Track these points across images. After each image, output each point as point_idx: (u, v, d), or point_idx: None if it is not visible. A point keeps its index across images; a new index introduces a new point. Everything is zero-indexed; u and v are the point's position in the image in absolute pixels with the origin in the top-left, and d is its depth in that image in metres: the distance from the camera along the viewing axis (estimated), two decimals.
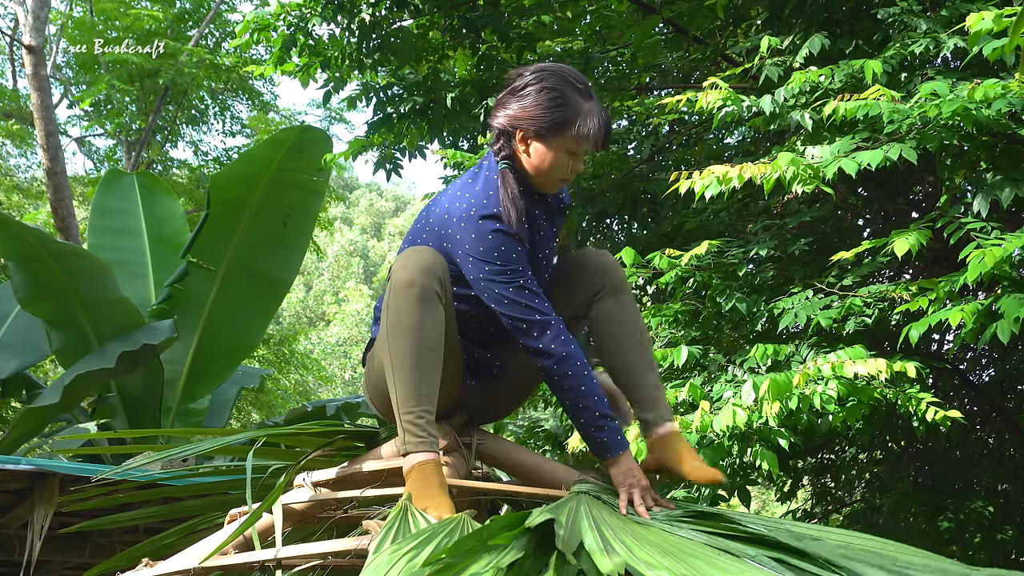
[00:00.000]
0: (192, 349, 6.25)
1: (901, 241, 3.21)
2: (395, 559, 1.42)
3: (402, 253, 1.92)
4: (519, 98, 1.93)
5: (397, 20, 5.22)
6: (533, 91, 1.91)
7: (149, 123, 12.82)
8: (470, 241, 1.90)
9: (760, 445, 3.25)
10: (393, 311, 1.85)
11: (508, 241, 1.89)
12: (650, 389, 2.00)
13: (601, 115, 1.89)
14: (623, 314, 2.04)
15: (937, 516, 4.80)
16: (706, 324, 3.89)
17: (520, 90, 1.93)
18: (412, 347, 1.83)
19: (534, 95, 1.91)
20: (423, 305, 1.83)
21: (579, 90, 1.90)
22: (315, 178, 6.46)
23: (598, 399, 1.88)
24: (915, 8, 3.70)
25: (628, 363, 2.01)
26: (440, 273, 1.87)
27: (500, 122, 1.96)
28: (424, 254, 1.88)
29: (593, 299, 2.06)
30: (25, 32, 8.81)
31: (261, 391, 8.97)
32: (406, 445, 1.82)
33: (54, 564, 4.34)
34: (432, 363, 1.84)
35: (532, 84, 1.92)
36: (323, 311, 27.29)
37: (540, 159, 1.93)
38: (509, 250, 1.89)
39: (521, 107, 1.92)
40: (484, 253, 1.89)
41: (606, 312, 2.04)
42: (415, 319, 1.83)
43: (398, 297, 1.85)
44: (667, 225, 4.97)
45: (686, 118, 5.35)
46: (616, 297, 2.05)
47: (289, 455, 2.42)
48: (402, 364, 1.83)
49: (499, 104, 1.98)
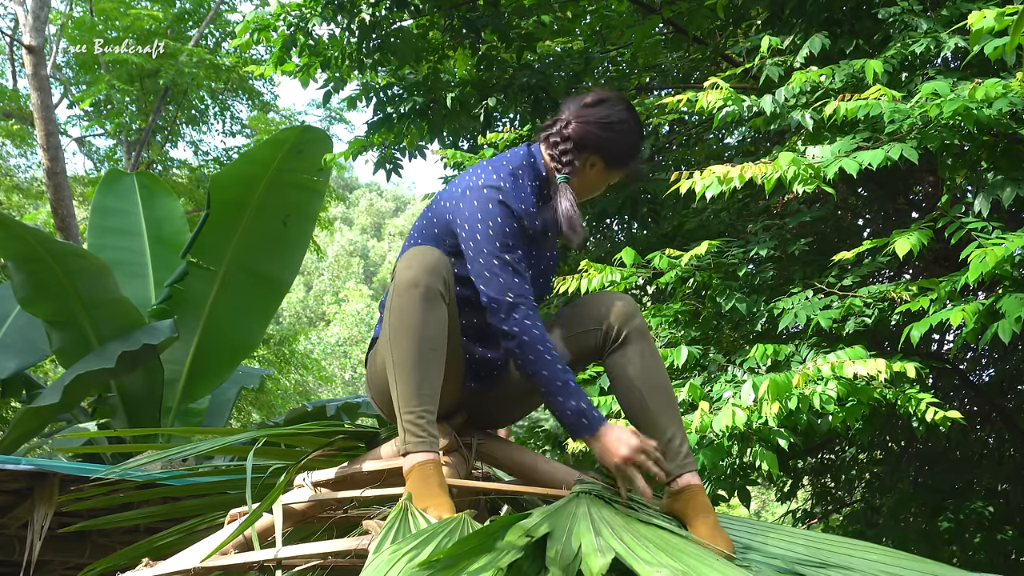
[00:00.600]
0: (192, 349, 6.25)
1: (902, 241, 3.21)
2: (395, 559, 1.42)
3: (406, 252, 1.92)
4: (607, 125, 2.04)
5: (397, 20, 5.22)
6: (623, 124, 2.05)
7: (149, 123, 12.82)
8: (471, 208, 1.93)
9: (760, 445, 3.24)
10: (396, 311, 1.85)
11: (508, 215, 1.93)
12: (672, 439, 1.93)
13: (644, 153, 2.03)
14: (647, 359, 1.99)
15: (937, 516, 4.80)
16: (706, 324, 3.89)
17: (608, 116, 2.04)
18: (415, 347, 1.83)
19: (622, 127, 2.05)
20: (427, 305, 1.83)
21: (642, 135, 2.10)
22: (315, 178, 6.47)
23: (562, 384, 1.85)
24: (916, 8, 3.70)
25: (647, 411, 1.95)
26: (444, 272, 1.88)
27: (578, 133, 2.04)
28: (428, 253, 1.88)
29: (612, 345, 2.01)
30: (25, 32, 8.81)
31: (261, 391, 8.97)
32: (406, 445, 1.82)
33: (54, 564, 4.34)
34: (434, 363, 1.84)
35: (622, 115, 2.05)
36: (323, 311, 27.30)
37: (597, 182, 2.10)
38: (505, 223, 1.92)
39: (607, 133, 2.04)
40: (481, 219, 1.92)
41: (628, 359, 1.98)
42: (418, 319, 1.83)
43: (402, 297, 1.85)
44: (667, 225, 4.96)
45: (686, 118, 5.35)
46: (640, 342, 1.99)
47: (289, 455, 2.42)
48: (404, 364, 1.83)
49: (578, 116, 2.05)
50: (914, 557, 1.76)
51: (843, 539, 1.85)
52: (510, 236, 1.92)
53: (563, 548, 1.50)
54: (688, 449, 1.95)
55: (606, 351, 2.02)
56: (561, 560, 1.44)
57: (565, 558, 1.46)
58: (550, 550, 1.48)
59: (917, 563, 1.73)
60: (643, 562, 1.43)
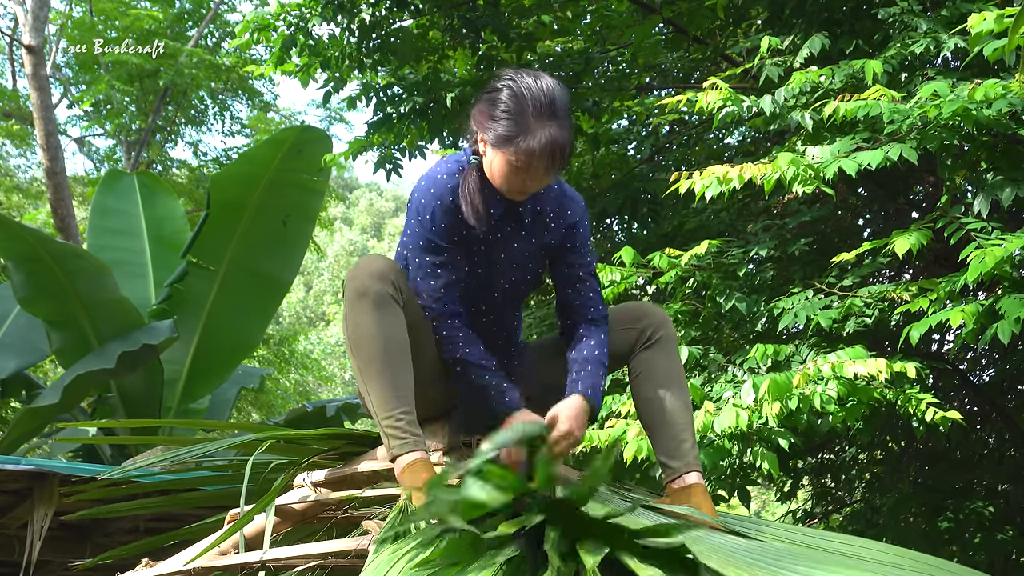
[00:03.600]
0: (192, 349, 6.25)
1: (901, 241, 3.21)
2: (395, 559, 1.42)
3: (354, 264, 1.93)
4: (486, 101, 1.92)
5: (397, 20, 5.22)
6: (497, 98, 1.89)
7: (149, 123, 12.82)
8: (410, 205, 1.99)
9: (760, 445, 3.25)
10: (351, 322, 1.86)
11: (437, 208, 1.94)
12: (684, 439, 2.00)
13: (550, 138, 1.82)
14: (670, 361, 2.07)
15: (937, 516, 4.80)
16: (706, 324, 3.89)
17: (489, 92, 1.93)
18: (377, 353, 1.83)
19: (497, 102, 1.88)
20: (379, 311, 1.84)
21: (539, 108, 1.84)
22: (315, 178, 6.47)
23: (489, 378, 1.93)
24: (915, 8, 3.70)
25: (664, 409, 2.03)
26: (392, 276, 1.88)
27: (472, 115, 1.98)
28: (373, 260, 1.89)
29: (643, 345, 2.08)
30: (25, 32, 8.82)
31: (261, 391, 8.97)
32: (392, 450, 1.82)
33: (54, 564, 4.33)
34: (401, 364, 1.85)
35: (499, 91, 1.89)
36: (323, 311, 27.29)
37: (490, 164, 1.92)
38: (435, 218, 1.95)
39: (483, 111, 1.91)
40: (411, 212, 1.98)
41: (657, 357, 2.07)
42: (374, 326, 1.83)
43: (354, 307, 1.86)
44: (667, 225, 4.96)
45: (686, 118, 5.35)
46: (667, 345, 2.08)
47: (291, 453, 2.41)
48: (371, 371, 1.83)
49: (476, 99, 1.98)
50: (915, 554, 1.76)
51: (841, 535, 1.85)
52: (436, 235, 1.95)
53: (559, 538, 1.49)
54: (696, 451, 2.00)
55: (637, 350, 2.08)
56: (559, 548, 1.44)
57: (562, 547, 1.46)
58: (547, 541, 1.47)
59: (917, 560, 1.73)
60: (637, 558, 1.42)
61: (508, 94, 1.87)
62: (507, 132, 1.85)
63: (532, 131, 1.83)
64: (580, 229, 2.09)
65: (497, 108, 1.87)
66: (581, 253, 2.09)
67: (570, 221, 2.08)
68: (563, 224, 2.07)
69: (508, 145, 1.85)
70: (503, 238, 2.02)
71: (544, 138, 1.82)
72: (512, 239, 2.03)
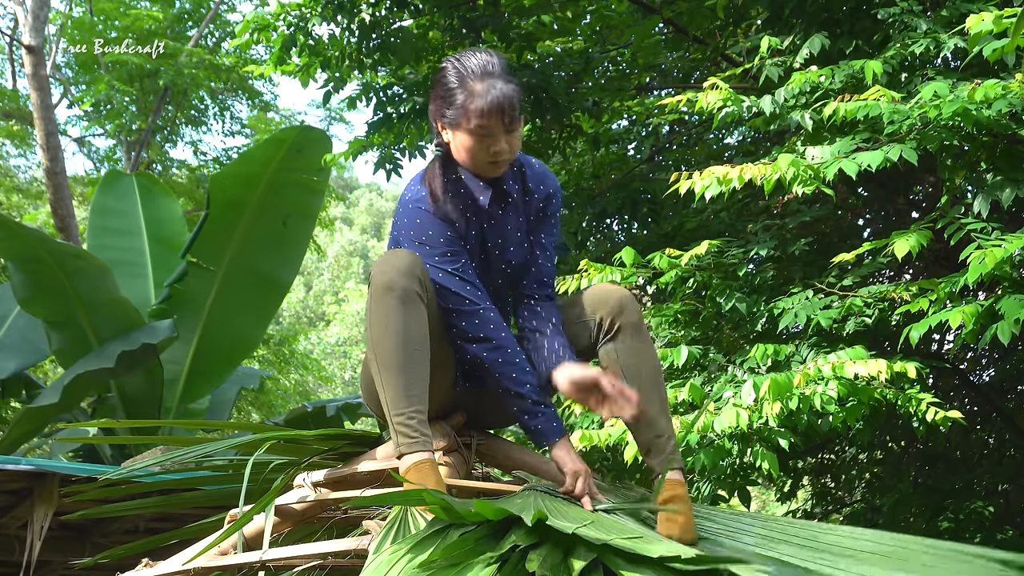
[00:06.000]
0: (192, 349, 6.25)
1: (901, 242, 3.21)
2: (395, 559, 1.42)
3: (380, 257, 1.93)
4: (435, 89, 1.97)
5: (397, 20, 5.22)
6: (442, 79, 1.94)
7: (149, 123, 12.81)
8: (405, 226, 1.99)
9: (760, 445, 3.25)
10: (375, 316, 1.86)
11: (433, 221, 1.96)
12: (660, 435, 1.94)
13: (496, 92, 1.86)
14: (638, 355, 1.96)
15: (937, 516, 4.80)
16: (706, 324, 3.89)
17: (436, 81, 1.97)
18: (398, 349, 1.83)
19: (441, 83, 1.93)
20: (405, 307, 1.84)
21: (476, 72, 1.88)
22: (315, 178, 6.47)
23: (529, 387, 1.90)
24: (915, 8, 3.70)
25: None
26: (419, 272, 1.88)
27: (431, 115, 2.01)
28: (401, 256, 1.89)
29: (604, 338, 1.98)
30: (25, 32, 8.82)
31: (261, 391, 8.98)
32: (400, 447, 1.82)
33: (54, 564, 4.33)
34: (420, 363, 1.85)
35: (442, 73, 1.94)
36: (323, 311, 27.29)
37: (457, 146, 1.94)
38: (437, 233, 1.95)
39: (434, 99, 1.96)
40: (415, 235, 1.97)
41: (620, 351, 1.96)
42: (398, 321, 1.83)
43: (379, 302, 1.85)
44: (667, 225, 4.97)
45: (686, 118, 5.35)
46: (632, 336, 1.96)
47: (291, 453, 2.41)
48: (389, 367, 1.83)
49: (430, 97, 2.02)
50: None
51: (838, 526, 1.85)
52: (447, 244, 1.95)
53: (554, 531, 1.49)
54: (675, 446, 1.95)
55: (599, 344, 2.00)
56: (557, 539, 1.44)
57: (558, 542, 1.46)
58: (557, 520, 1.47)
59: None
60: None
61: (450, 72, 1.92)
62: (456, 104, 1.89)
63: (477, 93, 1.87)
64: (555, 200, 2.12)
65: (443, 88, 1.93)
66: (552, 224, 2.12)
67: (549, 190, 2.12)
68: (543, 193, 2.10)
69: (461, 116, 1.89)
70: (496, 222, 2.04)
71: (490, 94, 1.86)
72: (505, 221, 2.05)
